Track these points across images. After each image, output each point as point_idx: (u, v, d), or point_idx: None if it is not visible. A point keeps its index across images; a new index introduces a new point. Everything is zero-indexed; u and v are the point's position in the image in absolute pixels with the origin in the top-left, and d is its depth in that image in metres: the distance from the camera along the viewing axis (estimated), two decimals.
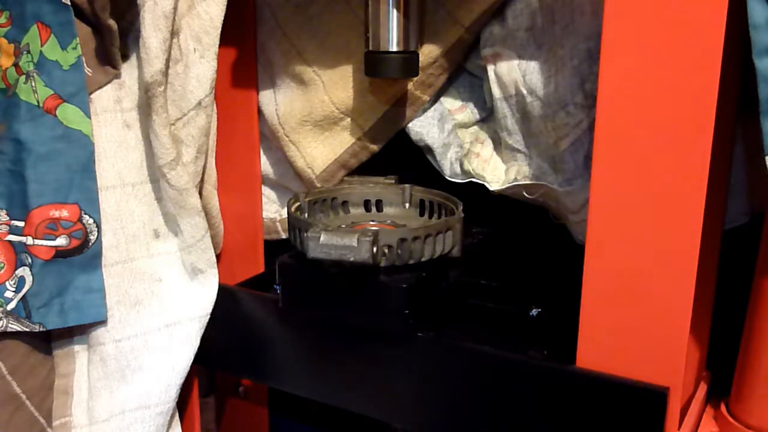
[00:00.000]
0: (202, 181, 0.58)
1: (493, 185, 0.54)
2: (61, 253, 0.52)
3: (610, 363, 0.41)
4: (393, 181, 0.57)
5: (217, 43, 0.54)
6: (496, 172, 0.54)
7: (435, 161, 0.57)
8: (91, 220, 0.52)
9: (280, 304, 0.51)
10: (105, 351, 0.54)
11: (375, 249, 0.44)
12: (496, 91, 0.52)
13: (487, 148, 0.56)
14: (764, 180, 0.38)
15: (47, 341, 0.55)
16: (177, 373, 0.55)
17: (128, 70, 0.55)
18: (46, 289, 0.52)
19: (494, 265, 0.57)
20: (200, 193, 0.58)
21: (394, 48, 0.51)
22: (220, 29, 0.54)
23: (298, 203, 0.53)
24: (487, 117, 0.57)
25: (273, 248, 0.62)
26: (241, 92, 0.59)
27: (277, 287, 0.52)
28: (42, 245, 0.51)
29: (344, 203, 0.57)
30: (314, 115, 0.57)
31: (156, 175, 0.55)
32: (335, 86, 0.56)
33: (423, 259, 0.47)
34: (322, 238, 0.44)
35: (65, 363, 0.55)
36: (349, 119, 0.57)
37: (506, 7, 0.50)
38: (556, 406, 0.43)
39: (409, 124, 0.56)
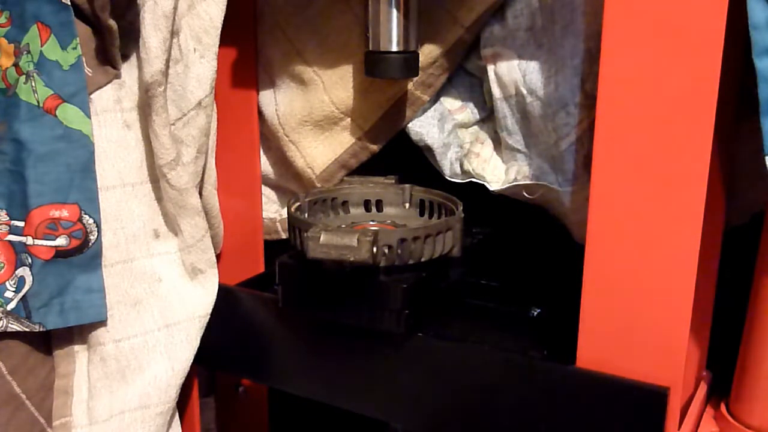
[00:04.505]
0: (202, 181, 0.58)
1: (493, 185, 0.54)
2: (61, 253, 0.52)
3: (610, 363, 0.41)
4: (393, 181, 0.57)
5: (217, 43, 0.54)
6: (496, 172, 0.54)
7: (435, 161, 0.57)
8: (91, 220, 0.52)
9: (279, 304, 0.51)
10: (105, 351, 0.54)
11: (375, 249, 0.44)
12: (496, 91, 0.52)
13: (487, 148, 0.56)
14: (764, 180, 0.38)
15: (47, 341, 0.55)
16: (177, 373, 0.55)
17: (128, 70, 0.55)
18: (46, 289, 0.52)
19: (494, 265, 0.57)
20: (200, 193, 0.57)
21: (394, 48, 0.51)
22: (220, 29, 0.54)
23: (298, 203, 0.53)
24: (487, 117, 0.57)
25: (273, 248, 0.62)
26: (241, 92, 0.59)
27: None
28: (42, 245, 0.51)
29: (344, 203, 0.57)
30: (314, 115, 0.57)
31: (156, 175, 0.55)
32: (335, 86, 0.56)
33: (423, 259, 0.47)
34: (322, 238, 0.44)
35: (65, 363, 0.55)
36: (349, 119, 0.57)
37: (506, 7, 0.50)
38: (556, 406, 0.43)
39: (409, 124, 0.56)
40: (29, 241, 0.51)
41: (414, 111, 0.55)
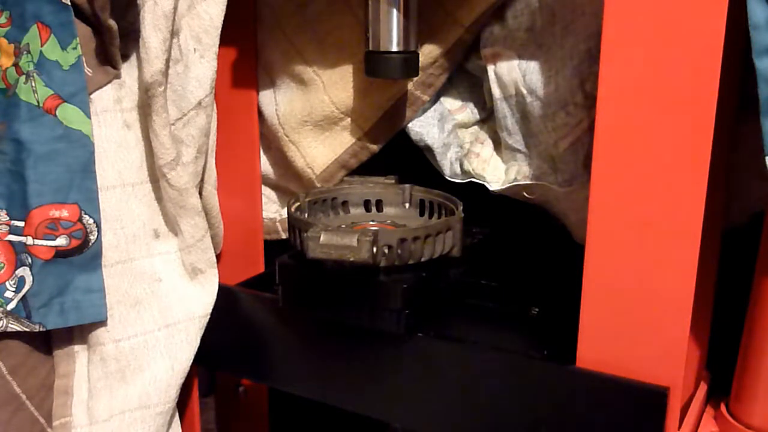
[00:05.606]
0: (202, 181, 0.58)
1: (493, 185, 0.54)
2: (61, 253, 0.52)
3: (610, 363, 0.41)
4: (393, 181, 0.57)
5: (217, 43, 0.54)
6: (496, 172, 0.54)
7: (435, 161, 0.57)
8: (91, 220, 0.52)
9: (279, 303, 0.51)
10: (105, 351, 0.54)
11: (375, 249, 0.44)
12: (496, 91, 0.52)
13: (487, 148, 0.56)
14: (764, 180, 0.38)
15: (47, 341, 0.55)
16: (177, 373, 0.55)
17: (128, 70, 0.55)
18: (46, 289, 0.52)
19: (494, 265, 0.57)
20: (200, 193, 0.58)
21: (394, 48, 0.51)
22: (220, 29, 0.54)
23: (298, 203, 0.53)
24: (487, 117, 0.57)
25: (273, 248, 0.62)
26: (241, 92, 0.59)
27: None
28: (42, 245, 0.51)
29: (344, 203, 0.57)
30: (314, 115, 0.57)
31: (156, 175, 0.55)
32: (335, 86, 0.56)
33: (423, 259, 0.47)
34: (322, 238, 0.44)
35: (65, 363, 0.55)
36: (349, 119, 0.57)
37: (506, 7, 0.50)
38: (556, 406, 0.43)
39: (409, 124, 0.56)
40: (29, 241, 0.51)
41: (414, 111, 0.55)
